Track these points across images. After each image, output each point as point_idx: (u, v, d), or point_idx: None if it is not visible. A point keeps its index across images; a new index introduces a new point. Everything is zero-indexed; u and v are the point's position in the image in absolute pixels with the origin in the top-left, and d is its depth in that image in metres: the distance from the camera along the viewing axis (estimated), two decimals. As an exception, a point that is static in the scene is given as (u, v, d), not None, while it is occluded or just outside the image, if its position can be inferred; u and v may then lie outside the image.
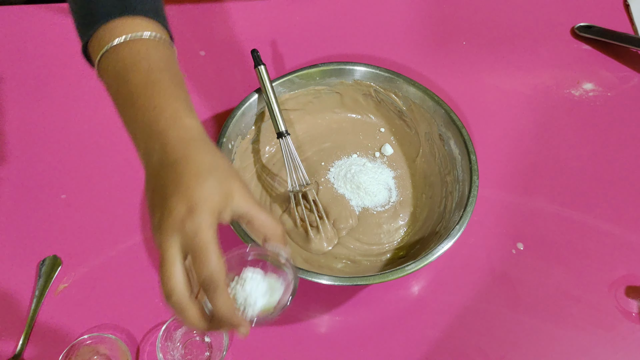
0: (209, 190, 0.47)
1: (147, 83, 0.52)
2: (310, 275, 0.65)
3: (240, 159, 0.79)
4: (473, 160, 0.73)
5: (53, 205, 0.80)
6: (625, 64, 1.00)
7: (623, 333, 0.75)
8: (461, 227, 0.69)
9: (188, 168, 0.48)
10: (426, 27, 1.02)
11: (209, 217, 0.46)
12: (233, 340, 0.72)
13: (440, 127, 0.78)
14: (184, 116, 0.52)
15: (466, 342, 0.74)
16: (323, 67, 0.81)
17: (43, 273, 0.74)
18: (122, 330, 0.72)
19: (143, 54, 0.54)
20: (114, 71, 0.54)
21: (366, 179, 0.81)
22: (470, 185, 0.72)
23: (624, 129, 0.93)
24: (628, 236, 0.83)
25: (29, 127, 0.86)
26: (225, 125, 0.75)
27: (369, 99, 0.84)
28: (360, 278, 0.66)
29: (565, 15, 1.05)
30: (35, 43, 0.93)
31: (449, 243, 0.68)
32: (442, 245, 0.67)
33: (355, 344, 0.73)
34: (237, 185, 0.50)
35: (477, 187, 0.72)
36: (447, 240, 0.68)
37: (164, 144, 0.50)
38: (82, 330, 0.71)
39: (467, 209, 0.70)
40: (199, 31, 0.98)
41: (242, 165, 0.79)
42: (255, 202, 0.51)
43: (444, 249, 0.67)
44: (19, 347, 0.69)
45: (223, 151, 0.72)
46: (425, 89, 0.79)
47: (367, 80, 0.81)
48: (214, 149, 0.51)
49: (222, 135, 0.73)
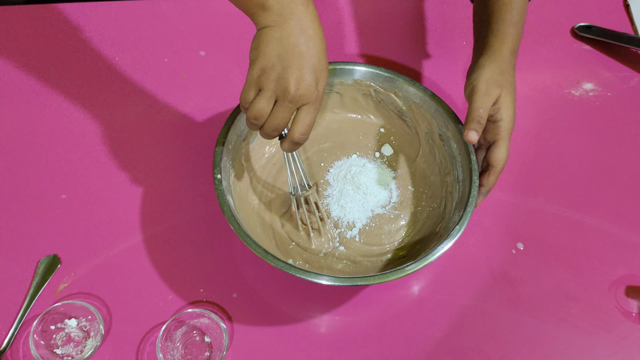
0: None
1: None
2: (311, 276, 0.65)
3: (240, 159, 0.79)
4: (473, 161, 0.73)
5: (53, 205, 0.80)
6: (625, 64, 1.00)
7: (623, 333, 0.75)
8: (461, 227, 0.69)
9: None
10: (426, 26, 1.02)
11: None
12: (233, 340, 0.72)
13: (440, 127, 0.78)
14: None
15: (466, 342, 0.74)
16: None
17: (40, 272, 0.74)
18: (121, 329, 0.72)
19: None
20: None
21: (366, 180, 0.81)
22: (470, 185, 0.72)
23: (624, 129, 0.93)
24: (628, 236, 0.83)
25: (29, 127, 0.86)
26: (225, 126, 0.75)
27: (368, 99, 0.84)
28: (360, 278, 0.66)
29: (565, 15, 1.05)
30: (35, 43, 0.93)
31: (449, 243, 0.68)
32: (442, 245, 0.67)
33: (355, 344, 0.73)
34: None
35: (477, 187, 0.72)
36: (447, 240, 0.68)
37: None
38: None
39: (467, 209, 0.70)
40: (199, 31, 0.98)
41: (242, 166, 0.79)
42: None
43: (444, 249, 0.67)
44: (4, 344, 0.69)
45: (223, 152, 0.72)
46: (425, 89, 0.79)
47: (367, 80, 0.81)
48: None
49: (221, 136, 0.73)
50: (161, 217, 0.80)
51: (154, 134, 0.87)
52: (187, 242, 0.79)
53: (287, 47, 0.56)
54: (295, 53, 0.56)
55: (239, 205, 0.75)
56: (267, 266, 0.77)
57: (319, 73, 0.58)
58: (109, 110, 0.88)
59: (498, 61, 0.73)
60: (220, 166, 0.71)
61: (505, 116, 0.71)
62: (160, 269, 0.76)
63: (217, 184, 0.70)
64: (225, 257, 0.78)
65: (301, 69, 0.57)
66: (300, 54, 0.57)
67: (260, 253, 0.65)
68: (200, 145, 0.86)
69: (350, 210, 0.80)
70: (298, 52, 0.56)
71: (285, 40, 0.56)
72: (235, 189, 0.76)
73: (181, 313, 0.69)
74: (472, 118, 0.70)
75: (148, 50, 0.95)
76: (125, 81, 0.91)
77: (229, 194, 0.71)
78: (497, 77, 0.71)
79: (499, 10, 0.76)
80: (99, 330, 0.69)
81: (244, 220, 0.72)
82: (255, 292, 0.76)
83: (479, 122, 0.69)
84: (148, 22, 0.98)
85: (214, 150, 0.72)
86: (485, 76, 0.71)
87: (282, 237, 0.77)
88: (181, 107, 0.89)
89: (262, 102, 0.59)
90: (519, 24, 0.76)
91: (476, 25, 0.80)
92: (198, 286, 0.75)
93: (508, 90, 0.71)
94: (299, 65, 0.57)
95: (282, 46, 0.56)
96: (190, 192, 0.82)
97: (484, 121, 0.70)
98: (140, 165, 0.84)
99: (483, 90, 0.70)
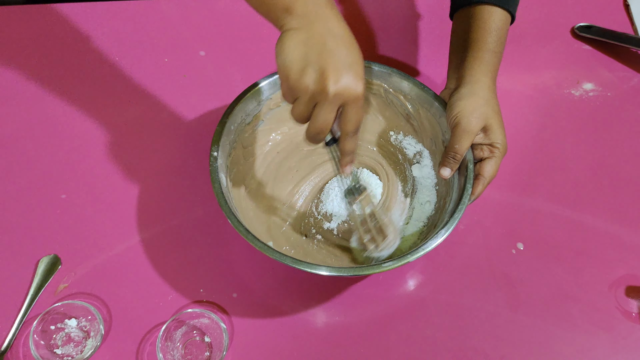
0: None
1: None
2: (309, 267, 0.64)
3: (242, 142, 0.78)
4: (470, 169, 0.73)
5: (53, 205, 0.80)
6: (625, 64, 1.00)
7: (623, 333, 0.75)
8: (457, 216, 0.68)
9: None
10: (426, 26, 1.02)
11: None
12: (233, 340, 0.72)
13: (444, 133, 0.78)
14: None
15: (466, 342, 0.74)
16: None
17: (40, 272, 0.74)
18: (121, 329, 0.72)
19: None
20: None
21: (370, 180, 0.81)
22: (465, 183, 0.72)
23: (624, 129, 0.93)
24: (628, 236, 0.83)
25: (29, 127, 0.86)
26: (230, 106, 0.74)
27: (378, 99, 0.84)
28: (356, 269, 0.67)
29: (565, 15, 1.05)
30: (35, 43, 0.93)
31: (445, 233, 0.67)
32: (438, 236, 0.67)
33: (355, 345, 0.73)
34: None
35: (468, 195, 0.71)
36: (444, 229, 0.67)
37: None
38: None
39: (462, 200, 0.70)
40: (199, 31, 0.98)
41: (243, 149, 0.79)
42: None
43: (439, 240, 0.67)
44: (5, 345, 0.69)
45: (223, 132, 0.72)
46: (434, 93, 0.78)
47: (377, 79, 0.81)
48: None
49: (225, 115, 0.73)
50: (161, 217, 0.80)
51: (154, 133, 0.87)
52: (187, 242, 0.79)
53: (316, 47, 0.55)
54: (326, 52, 0.55)
55: (234, 186, 0.75)
56: (267, 266, 0.77)
57: (354, 69, 0.56)
58: (109, 110, 0.88)
59: (483, 90, 0.73)
60: (218, 144, 0.71)
61: (500, 140, 0.72)
62: (160, 269, 0.76)
63: (212, 161, 0.69)
64: (225, 257, 0.78)
65: (335, 67, 0.55)
66: (331, 53, 0.55)
67: (242, 232, 0.65)
68: (200, 145, 0.86)
69: (332, 202, 0.78)
70: (329, 51, 0.55)
71: (313, 41, 0.55)
72: (232, 170, 0.76)
73: (181, 313, 0.69)
74: (449, 155, 0.72)
75: (148, 50, 0.95)
76: (125, 81, 0.91)
77: (223, 173, 0.71)
78: (482, 109, 0.71)
79: (479, 39, 0.76)
80: (99, 330, 0.69)
81: (236, 202, 0.72)
82: (255, 292, 0.76)
83: (454, 158, 0.71)
84: (148, 22, 0.98)
85: (215, 129, 0.71)
86: (468, 109, 0.71)
87: (275, 223, 0.78)
88: (181, 107, 0.89)
89: (300, 107, 0.57)
90: (498, 49, 0.76)
91: (453, 47, 0.80)
92: (198, 286, 0.75)
93: (495, 120, 0.72)
94: (333, 65, 0.54)
95: (311, 47, 0.55)
96: (190, 192, 0.82)
97: (460, 159, 0.72)
98: (140, 165, 0.84)
99: (464, 126, 0.71)
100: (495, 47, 0.76)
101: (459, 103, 0.72)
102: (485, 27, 0.76)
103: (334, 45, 0.55)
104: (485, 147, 0.73)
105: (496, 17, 0.76)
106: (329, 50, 0.55)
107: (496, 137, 0.72)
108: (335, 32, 0.56)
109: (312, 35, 0.55)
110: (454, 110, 0.72)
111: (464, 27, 0.78)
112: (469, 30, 0.77)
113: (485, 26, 0.76)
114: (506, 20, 0.77)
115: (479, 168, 0.73)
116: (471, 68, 0.75)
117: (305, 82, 0.55)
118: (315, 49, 0.55)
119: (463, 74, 0.75)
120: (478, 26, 0.76)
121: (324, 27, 0.56)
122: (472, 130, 0.71)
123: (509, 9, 0.77)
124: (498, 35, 0.76)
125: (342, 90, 0.55)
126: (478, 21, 0.76)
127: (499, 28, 0.76)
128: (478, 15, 0.77)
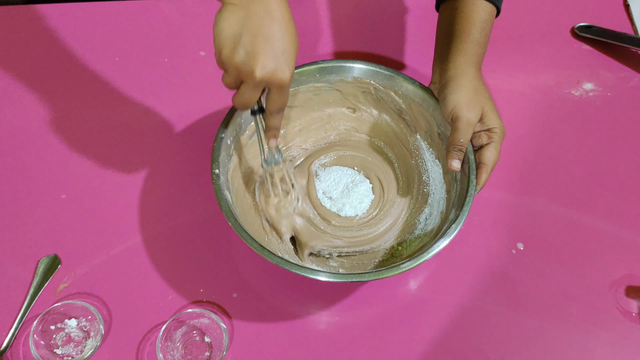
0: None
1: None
2: (309, 272, 0.65)
3: (239, 154, 0.78)
4: (471, 160, 0.73)
5: (53, 205, 0.80)
6: (625, 64, 1.00)
7: (623, 333, 0.75)
8: (457, 226, 0.69)
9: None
10: (426, 26, 1.02)
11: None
12: (233, 340, 0.72)
13: (439, 126, 0.78)
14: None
15: (466, 342, 0.74)
16: (322, 65, 0.81)
17: (40, 272, 0.74)
18: (121, 329, 0.72)
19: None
20: None
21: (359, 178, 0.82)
22: (467, 184, 0.72)
23: (624, 129, 0.93)
24: (628, 236, 0.83)
25: (29, 127, 0.86)
26: (224, 121, 0.74)
27: (368, 97, 0.84)
28: (356, 275, 0.67)
29: (565, 15, 1.05)
30: (35, 43, 0.93)
31: (445, 241, 0.67)
32: (439, 243, 0.67)
33: (355, 345, 0.73)
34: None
35: (474, 186, 0.71)
36: (444, 238, 0.68)
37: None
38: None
39: (464, 208, 0.70)
40: (199, 31, 0.98)
41: (240, 161, 0.79)
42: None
43: (440, 247, 0.67)
44: (5, 344, 0.69)
45: (221, 147, 0.72)
46: (425, 87, 0.79)
47: (367, 77, 0.81)
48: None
49: (220, 131, 0.73)
50: (161, 217, 0.80)
51: (154, 133, 0.87)
52: (187, 242, 0.79)
53: (251, 29, 0.55)
54: (260, 36, 0.55)
55: (237, 201, 0.75)
56: (267, 266, 0.77)
57: (285, 56, 0.56)
58: (108, 110, 0.89)
59: (471, 81, 0.73)
60: (218, 161, 0.70)
61: (496, 124, 0.72)
62: (160, 269, 0.76)
63: (215, 179, 0.69)
64: (225, 257, 0.78)
65: (266, 53, 0.55)
66: (265, 38, 0.55)
67: (256, 248, 0.65)
68: (200, 145, 0.86)
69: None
70: (263, 36, 0.55)
71: (249, 22, 0.55)
72: (233, 184, 0.76)
73: (181, 313, 0.69)
74: (454, 147, 0.72)
75: (148, 50, 0.95)
76: (125, 81, 0.91)
77: (227, 190, 0.71)
78: (474, 98, 0.72)
79: (463, 30, 0.76)
80: (99, 330, 0.69)
81: (242, 215, 0.72)
82: (255, 292, 0.76)
83: (460, 150, 0.72)
84: (148, 22, 0.98)
85: (213, 145, 0.72)
86: (463, 102, 0.71)
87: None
88: (181, 107, 0.89)
89: (228, 79, 0.59)
90: (482, 40, 0.76)
91: (438, 39, 0.80)
92: (198, 286, 0.75)
93: (489, 106, 0.73)
94: (264, 51, 0.55)
95: (246, 28, 0.55)
96: (190, 192, 0.82)
97: (464, 149, 0.72)
98: (140, 165, 0.84)
99: (465, 119, 0.71)
100: (479, 39, 0.75)
101: (451, 97, 0.72)
102: (469, 19, 0.76)
103: (269, 31, 0.55)
104: (483, 134, 0.73)
105: (481, 9, 0.76)
106: (263, 35, 0.55)
107: (492, 122, 0.72)
108: (273, 15, 0.56)
109: (250, 15, 0.55)
110: (449, 105, 0.72)
111: (449, 20, 0.78)
112: (453, 22, 0.77)
113: (469, 18, 0.76)
114: (491, 12, 0.77)
115: (480, 156, 0.73)
116: (455, 60, 0.75)
117: (235, 61, 0.56)
118: (250, 31, 0.55)
119: (447, 67, 0.75)
120: (462, 18, 0.76)
121: (262, 7, 0.55)
122: (473, 121, 0.71)
123: (494, 1, 0.76)
124: (482, 27, 0.76)
125: (269, 76, 0.56)
126: (462, 13, 0.76)
127: (483, 20, 0.76)
128: (463, 7, 0.77)
